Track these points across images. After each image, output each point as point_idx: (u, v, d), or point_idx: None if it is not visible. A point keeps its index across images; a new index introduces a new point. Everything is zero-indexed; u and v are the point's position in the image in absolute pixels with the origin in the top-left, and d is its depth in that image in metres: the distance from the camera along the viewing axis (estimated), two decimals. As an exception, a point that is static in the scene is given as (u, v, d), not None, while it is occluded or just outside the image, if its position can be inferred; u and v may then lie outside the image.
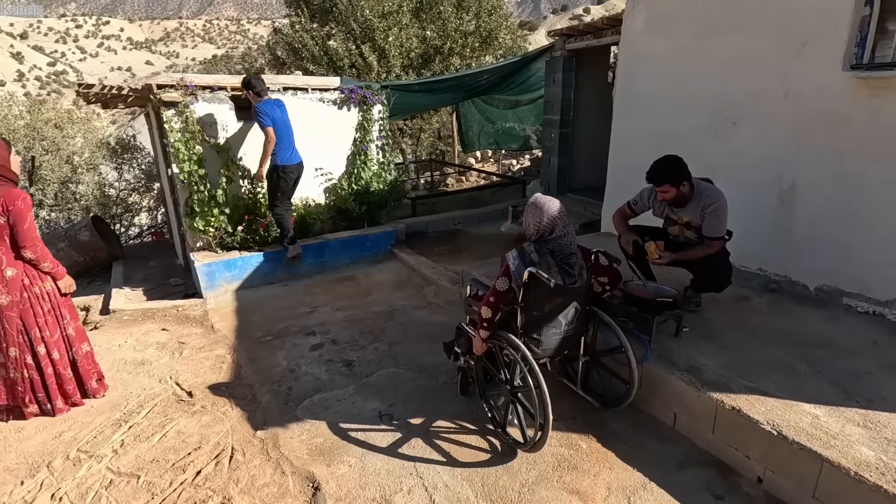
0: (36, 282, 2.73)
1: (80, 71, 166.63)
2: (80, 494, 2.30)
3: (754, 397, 2.26)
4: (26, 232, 2.61)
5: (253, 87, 4.47)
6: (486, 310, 2.30)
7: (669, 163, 2.81)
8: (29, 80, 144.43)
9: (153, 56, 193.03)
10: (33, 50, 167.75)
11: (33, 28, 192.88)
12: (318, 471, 2.37)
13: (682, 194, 2.84)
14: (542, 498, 2.15)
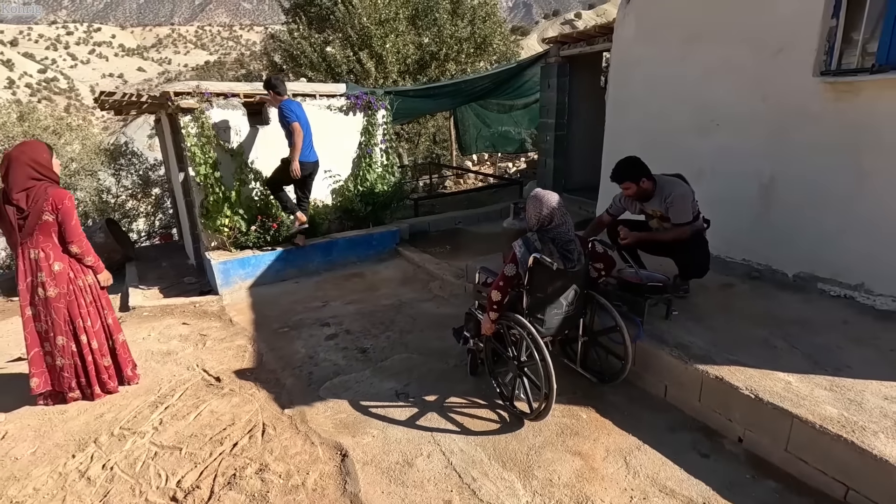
0: (79, 275, 2.97)
1: (72, 78, 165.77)
2: (128, 464, 2.53)
3: (735, 368, 2.53)
4: (73, 228, 2.85)
5: (275, 87, 4.74)
6: (495, 293, 2.56)
7: (627, 163, 3.15)
8: (19, 88, 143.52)
9: (145, 63, 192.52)
10: (24, 57, 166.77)
11: (23, 35, 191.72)
12: (345, 441, 2.61)
13: (644, 189, 3.15)
14: (548, 459, 2.41)
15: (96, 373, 3.11)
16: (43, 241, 2.83)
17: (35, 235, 2.81)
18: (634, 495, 2.17)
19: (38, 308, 2.89)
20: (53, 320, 2.90)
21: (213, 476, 2.42)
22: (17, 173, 2.78)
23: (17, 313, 5.30)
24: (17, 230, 2.79)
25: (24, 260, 2.83)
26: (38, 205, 2.77)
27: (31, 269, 2.84)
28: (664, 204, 3.16)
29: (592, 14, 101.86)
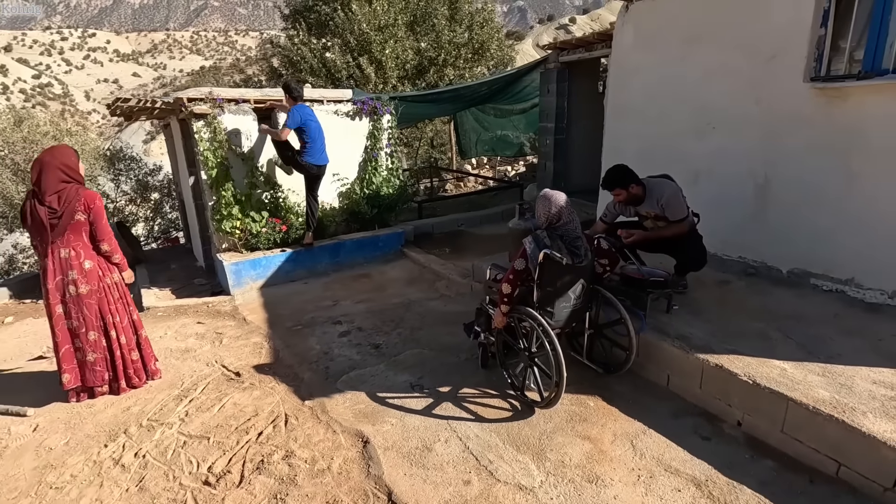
0: (107, 273, 3.10)
1: (66, 83, 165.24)
2: (160, 452, 2.66)
3: (734, 357, 2.69)
4: (104, 227, 2.99)
5: (292, 91, 4.94)
6: (506, 286, 2.71)
7: (615, 171, 3.35)
8: (13, 93, 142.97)
9: (140, 68, 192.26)
10: (18, 62, 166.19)
11: (17, 41, 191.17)
12: (365, 429, 2.75)
13: (634, 195, 3.34)
14: (559, 443, 2.55)
15: (124, 368, 3.23)
16: (74, 240, 2.96)
17: (66, 235, 2.94)
18: (642, 474, 2.31)
19: (69, 305, 3.02)
20: (85, 316, 3.02)
21: (241, 462, 2.55)
22: (49, 177, 2.92)
23: (30, 315, 5.43)
24: (49, 230, 2.92)
25: (53, 259, 2.96)
26: (71, 205, 2.90)
27: (62, 267, 2.97)
28: (659, 206, 3.32)
29: (587, 19, 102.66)
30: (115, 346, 3.14)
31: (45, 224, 2.93)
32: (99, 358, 3.10)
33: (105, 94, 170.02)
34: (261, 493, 2.33)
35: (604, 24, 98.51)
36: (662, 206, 3.32)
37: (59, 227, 2.93)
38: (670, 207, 3.29)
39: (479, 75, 13.92)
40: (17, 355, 4.22)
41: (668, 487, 2.23)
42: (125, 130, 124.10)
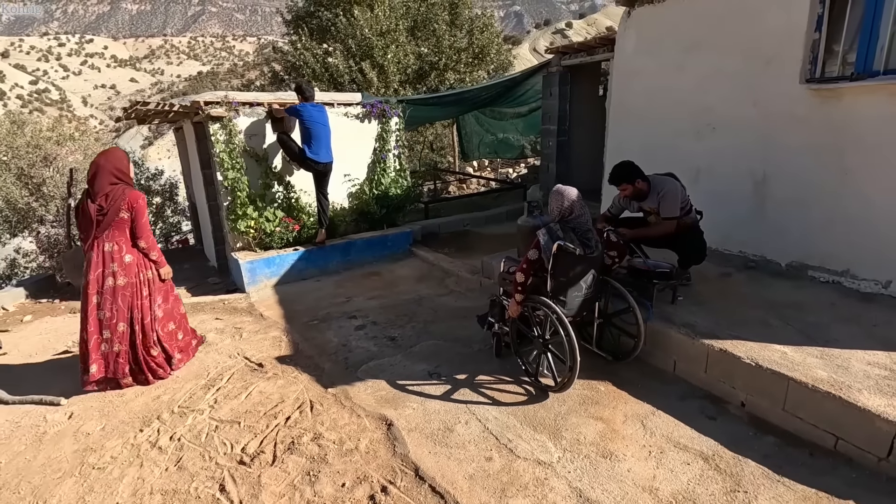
0: (143, 270, 3.26)
1: (63, 89, 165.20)
2: (194, 436, 2.79)
3: (737, 342, 2.85)
4: (143, 225, 3.16)
5: (303, 92, 5.18)
6: (520, 275, 2.86)
7: (622, 166, 3.49)
8: (10, 99, 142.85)
9: (137, 73, 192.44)
10: (15, 69, 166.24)
11: (14, 47, 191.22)
12: (388, 413, 2.89)
13: (640, 190, 3.49)
14: (574, 423, 2.70)
15: (146, 362, 3.36)
16: (118, 236, 3.14)
17: (111, 230, 3.13)
18: (652, 450, 2.46)
19: (105, 297, 3.17)
20: (119, 308, 3.18)
21: (273, 444, 2.69)
22: (102, 178, 3.15)
23: (47, 314, 5.56)
24: (96, 225, 3.10)
25: (97, 252, 3.13)
26: (117, 203, 3.08)
27: (104, 260, 3.13)
28: (657, 199, 3.49)
29: (583, 23, 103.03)
30: (139, 340, 3.28)
31: (93, 220, 3.14)
32: (124, 350, 3.25)
33: (102, 99, 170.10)
34: (294, 470, 2.47)
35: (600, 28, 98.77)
36: (659, 201, 3.48)
37: (105, 223, 3.12)
38: (665, 202, 3.45)
39: (478, 79, 14.14)
40: (41, 351, 4.34)
41: (678, 461, 2.38)
42: (122, 136, 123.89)
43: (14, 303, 5.99)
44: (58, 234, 10.44)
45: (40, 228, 10.72)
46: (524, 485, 2.27)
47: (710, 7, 4.18)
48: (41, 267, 11.04)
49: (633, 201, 3.66)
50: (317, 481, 2.38)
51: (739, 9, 3.96)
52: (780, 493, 2.15)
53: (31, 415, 3.18)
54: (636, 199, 3.61)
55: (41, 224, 10.75)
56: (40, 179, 10.48)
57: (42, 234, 10.66)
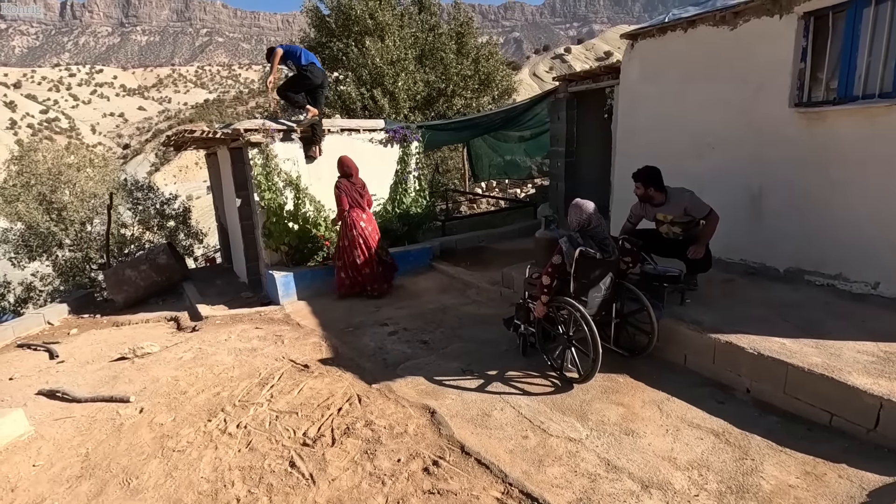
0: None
1: (73, 117, 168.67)
2: (258, 424, 3.13)
3: (741, 335, 3.20)
4: (369, 199, 5.60)
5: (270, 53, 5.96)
6: (545, 278, 3.23)
7: (647, 169, 3.90)
8: (21, 128, 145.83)
9: (145, 101, 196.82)
10: (26, 98, 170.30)
11: (27, 77, 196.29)
12: (430, 403, 3.23)
13: (649, 196, 3.87)
14: (598, 408, 3.03)
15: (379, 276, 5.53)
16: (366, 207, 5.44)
17: (363, 203, 5.43)
18: (669, 428, 2.79)
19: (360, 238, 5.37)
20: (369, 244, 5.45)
21: (330, 429, 3.02)
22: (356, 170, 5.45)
23: (91, 327, 5.94)
24: (358, 198, 5.43)
25: (358, 214, 5.43)
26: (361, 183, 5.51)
27: (357, 219, 5.40)
28: (682, 210, 3.83)
29: (581, 48, 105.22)
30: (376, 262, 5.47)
31: (355, 196, 5.42)
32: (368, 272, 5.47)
33: (111, 127, 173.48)
34: (353, 449, 2.80)
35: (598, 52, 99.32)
36: (687, 210, 3.82)
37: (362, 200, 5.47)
38: (696, 208, 3.81)
39: (484, 104, 14.77)
40: (97, 358, 4.71)
41: (692, 437, 2.71)
42: (130, 162, 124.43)
43: (59, 318, 6.37)
44: (75, 257, 10.78)
45: (59, 252, 11.14)
46: (558, 456, 2.60)
47: (706, 41, 4.64)
48: (57, 290, 11.42)
49: (646, 207, 4.01)
50: (375, 458, 2.71)
51: (732, 43, 4.42)
52: (783, 460, 2.47)
53: (104, 410, 3.53)
54: (652, 204, 3.95)
55: (60, 248, 11.17)
56: (61, 205, 10.94)
57: (60, 257, 11.07)
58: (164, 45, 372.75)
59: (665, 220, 4.02)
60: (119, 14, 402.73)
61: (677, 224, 3.95)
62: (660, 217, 4.03)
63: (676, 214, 3.90)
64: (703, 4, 4.70)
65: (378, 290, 5.61)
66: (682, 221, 3.92)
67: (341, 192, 5.41)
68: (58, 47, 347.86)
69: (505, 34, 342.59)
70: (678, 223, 3.94)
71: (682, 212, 3.87)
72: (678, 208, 3.87)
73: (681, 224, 3.94)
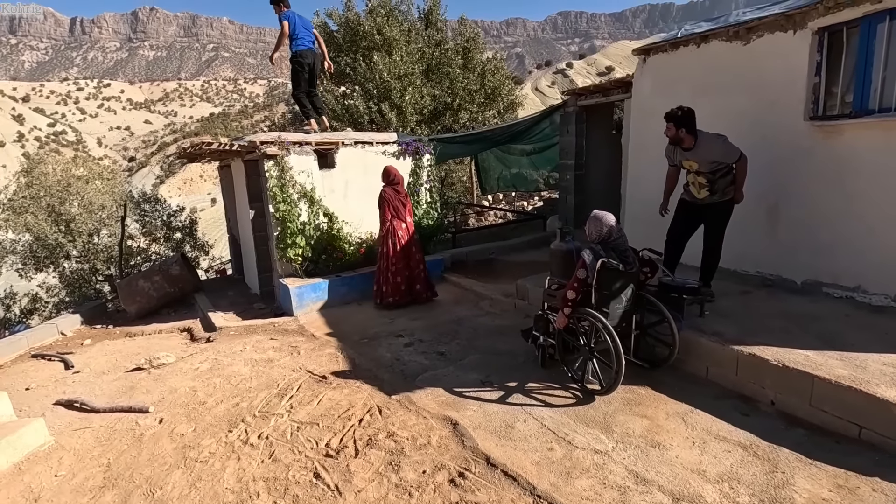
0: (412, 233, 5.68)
1: (79, 131, 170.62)
2: (280, 434, 3.12)
3: (763, 347, 3.19)
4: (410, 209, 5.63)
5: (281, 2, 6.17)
6: (571, 292, 3.24)
7: (679, 109, 3.86)
8: (28, 141, 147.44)
9: (151, 115, 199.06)
10: (34, 112, 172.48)
11: (35, 91, 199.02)
12: (451, 414, 3.21)
13: (680, 138, 3.87)
14: (621, 420, 3.02)
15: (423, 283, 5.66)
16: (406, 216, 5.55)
17: (405, 212, 5.47)
18: (696, 441, 2.77)
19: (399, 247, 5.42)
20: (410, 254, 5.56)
21: (352, 440, 3.01)
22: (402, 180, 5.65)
23: (104, 338, 5.94)
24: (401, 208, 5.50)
25: (399, 224, 5.53)
26: (405, 193, 5.64)
27: (398, 228, 5.48)
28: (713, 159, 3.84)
29: (583, 63, 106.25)
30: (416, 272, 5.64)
31: (396, 206, 5.47)
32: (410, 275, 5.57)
33: (117, 140, 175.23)
34: (377, 460, 2.79)
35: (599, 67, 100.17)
36: (717, 157, 3.82)
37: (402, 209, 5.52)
38: (728, 154, 3.83)
39: (489, 118, 14.93)
40: (112, 369, 4.71)
41: (720, 449, 2.69)
42: (135, 175, 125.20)
43: (72, 328, 6.39)
44: (82, 269, 10.81)
45: (65, 264, 11.17)
46: (586, 468, 2.58)
47: (719, 55, 4.71)
48: (63, 302, 11.45)
49: (677, 150, 4.03)
50: (400, 469, 2.69)
51: (745, 57, 4.48)
52: (814, 473, 2.45)
53: (123, 420, 3.52)
54: (682, 148, 3.96)
55: (67, 259, 11.21)
56: (69, 216, 11.01)
57: (67, 269, 11.10)
58: (171, 60, 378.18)
59: (691, 169, 4.00)
60: (127, 30, 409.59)
61: (703, 174, 3.93)
62: (686, 165, 4.02)
63: (703, 163, 3.88)
64: (715, 20, 4.77)
65: (425, 298, 5.73)
66: (708, 171, 3.89)
67: (386, 202, 5.49)
68: (66, 62, 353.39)
69: (507, 49, 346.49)
70: (703, 173, 3.92)
71: (710, 160, 3.84)
72: (708, 155, 3.84)
73: (706, 174, 3.91)
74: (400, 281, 5.56)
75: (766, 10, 4.30)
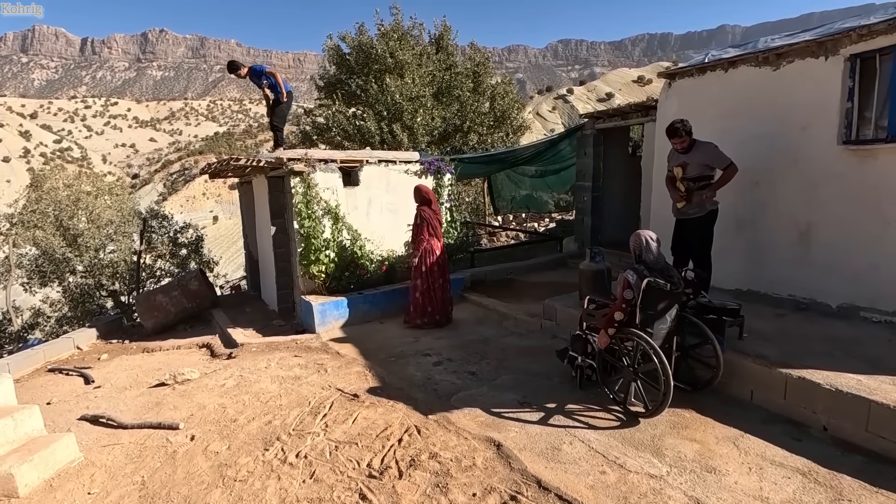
0: None
1: (85, 147, 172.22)
2: (318, 454, 3.04)
3: (812, 370, 3.13)
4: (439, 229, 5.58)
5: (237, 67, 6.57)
6: (618, 313, 3.20)
7: (681, 121, 4.28)
8: (34, 156, 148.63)
9: (157, 133, 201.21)
10: (41, 128, 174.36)
11: (43, 108, 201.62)
12: (493, 435, 3.14)
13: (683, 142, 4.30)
14: (671, 443, 2.94)
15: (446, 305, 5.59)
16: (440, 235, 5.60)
17: (440, 231, 5.53)
18: (752, 467, 2.70)
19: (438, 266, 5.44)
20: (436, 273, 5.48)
21: (394, 461, 2.93)
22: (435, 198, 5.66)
23: (121, 353, 5.86)
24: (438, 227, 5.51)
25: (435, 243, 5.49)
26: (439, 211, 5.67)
27: (435, 247, 5.47)
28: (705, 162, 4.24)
29: (584, 90, 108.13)
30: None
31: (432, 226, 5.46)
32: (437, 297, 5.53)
33: (121, 157, 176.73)
34: (422, 482, 2.71)
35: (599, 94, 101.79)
36: (710, 161, 4.23)
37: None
38: (717, 160, 4.21)
39: (497, 140, 15.11)
40: (134, 384, 4.63)
41: (778, 476, 2.61)
42: (139, 191, 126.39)
43: (88, 343, 6.31)
44: (87, 283, 10.73)
45: (70, 278, 11.10)
46: (643, 493, 2.50)
47: (747, 80, 4.77)
48: (65, 317, 11.34)
49: (675, 154, 4.43)
50: (448, 491, 2.61)
51: (775, 83, 4.54)
52: (883, 502, 2.37)
53: (152, 437, 3.44)
54: (679, 151, 4.38)
55: (72, 274, 11.15)
56: (77, 231, 10.99)
57: (72, 283, 11.03)
58: (178, 80, 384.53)
59: (677, 177, 4.41)
60: (137, 50, 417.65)
61: (685, 181, 4.33)
62: (676, 169, 4.39)
63: (694, 167, 4.26)
64: (743, 46, 4.85)
65: (445, 319, 5.63)
66: (692, 177, 4.30)
67: (425, 221, 5.49)
68: (76, 80, 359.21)
69: (509, 75, 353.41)
70: (686, 180, 4.33)
71: (703, 163, 4.23)
72: (702, 158, 4.23)
73: (688, 181, 4.32)
74: (435, 300, 5.56)
75: (796, 37, 4.37)
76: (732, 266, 4.89)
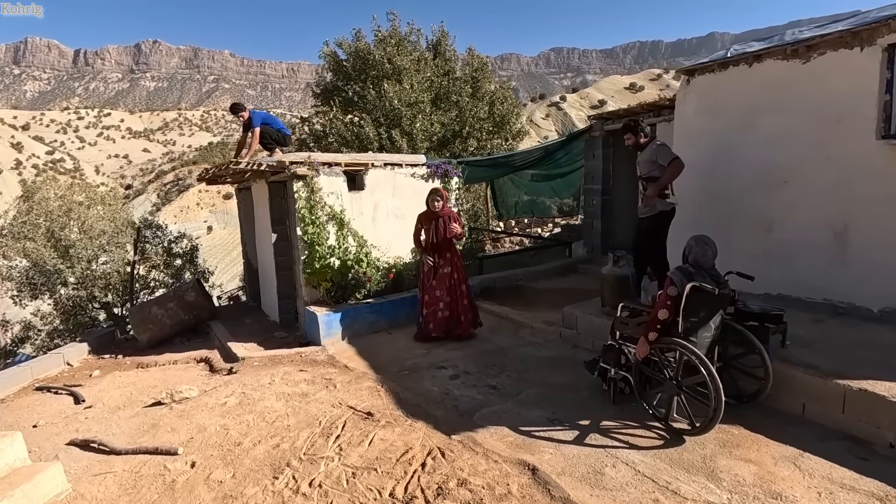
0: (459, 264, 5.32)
1: (77, 158, 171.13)
2: (334, 482, 2.74)
3: (871, 381, 2.88)
4: None
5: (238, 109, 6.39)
6: (662, 311, 2.93)
7: (631, 119, 4.49)
8: (26, 168, 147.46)
9: (150, 144, 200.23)
10: (33, 140, 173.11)
11: (36, 120, 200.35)
12: (526, 458, 2.85)
13: (640, 144, 4.49)
14: (725, 465, 2.67)
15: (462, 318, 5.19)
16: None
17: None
18: (821, 491, 2.43)
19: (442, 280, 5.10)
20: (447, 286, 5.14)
21: (419, 489, 2.63)
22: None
23: (114, 369, 5.53)
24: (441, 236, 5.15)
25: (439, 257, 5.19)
26: None
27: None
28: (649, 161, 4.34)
29: (577, 97, 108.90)
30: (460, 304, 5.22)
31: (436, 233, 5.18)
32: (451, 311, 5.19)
33: (115, 168, 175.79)
34: (454, 515, 2.42)
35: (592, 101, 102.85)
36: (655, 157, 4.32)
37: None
38: (661, 155, 4.33)
39: (497, 145, 14.93)
40: (128, 403, 4.31)
41: (853, 502, 2.34)
42: (133, 201, 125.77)
43: (78, 358, 5.97)
44: (79, 296, 10.38)
45: (62, 290, 10.73)
46: (706, 526, 2.22)
47: (774, 74, 4.56)
48: (56, 330, 10.97)
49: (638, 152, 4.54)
50: (484, 525, 2.32)
51: (805, 76, 4.33)
52: (977, 532, 2.11)
53: (148, 464, 3.13)
54: (636, 148, 4.55)
55: (64, 286, 10.78)
56: (69, 242, 10.65)
57: (63, 295, 10.66)
58: (171, 91, 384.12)
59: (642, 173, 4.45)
60: (130, 61, 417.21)
61: (641, 180, 4.44)
62: (640, 160, 4.46)
63: (644, 164, 4.37)
64: (768, 39, 4.65)
65: (466, 332, 5.23)
66: (643, 176, 4.39)
67: None
68: (68, 92, 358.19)
69: (502, 82, 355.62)
70: (641, 179, 4.43)
71: (650, 160, 4.32)
72: (650, 154, 4.35)
73: (642, 181, 4.42)
74: (448, 309, 5.25)
75: (827, 28, 4.17)
76: (760, 269, 4.63)
